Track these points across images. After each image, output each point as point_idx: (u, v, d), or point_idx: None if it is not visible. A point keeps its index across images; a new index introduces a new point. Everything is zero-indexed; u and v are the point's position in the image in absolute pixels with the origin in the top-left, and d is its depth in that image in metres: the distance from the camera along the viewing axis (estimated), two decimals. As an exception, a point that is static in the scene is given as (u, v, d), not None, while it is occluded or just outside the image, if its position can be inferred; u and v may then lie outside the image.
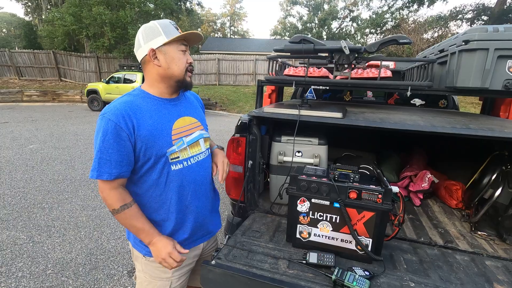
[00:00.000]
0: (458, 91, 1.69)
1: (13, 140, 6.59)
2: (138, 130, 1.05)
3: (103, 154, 1.01)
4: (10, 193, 3.84)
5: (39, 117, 9.78)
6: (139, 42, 1.11)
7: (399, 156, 2.60)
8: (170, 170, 1.12)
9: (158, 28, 1.08)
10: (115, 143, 1.01)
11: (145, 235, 1.09)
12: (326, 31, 33.00)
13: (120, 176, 1.05)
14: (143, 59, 1.11)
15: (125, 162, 1.04)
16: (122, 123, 1.01)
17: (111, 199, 1.04)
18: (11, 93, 14.17)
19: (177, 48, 1.11)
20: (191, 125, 1.21)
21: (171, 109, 1.16)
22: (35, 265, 2.44)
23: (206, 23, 42.43)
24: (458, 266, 1.31)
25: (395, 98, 3.06)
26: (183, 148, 1.15)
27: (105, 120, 1.02)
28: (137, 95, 1.12)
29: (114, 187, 1.05)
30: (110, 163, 1.02)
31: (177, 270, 1.21)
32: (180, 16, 22.48)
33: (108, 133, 1.01)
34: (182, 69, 1.12)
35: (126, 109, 1.04)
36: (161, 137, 1.09)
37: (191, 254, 1.25)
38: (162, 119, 1.11)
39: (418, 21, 19.88)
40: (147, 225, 1.09)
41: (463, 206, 1.97)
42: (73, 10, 15.06)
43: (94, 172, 1.02)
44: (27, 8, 23.52)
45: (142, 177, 1.12)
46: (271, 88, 2.80)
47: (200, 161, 1.22)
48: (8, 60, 16.44)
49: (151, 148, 1.07)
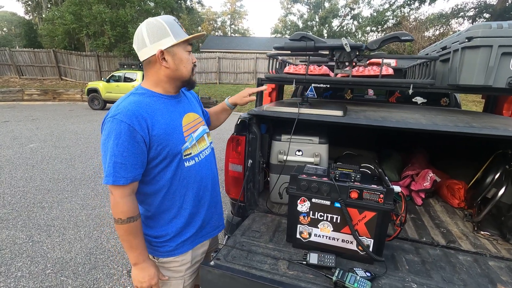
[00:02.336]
0: (460, 89, 1.66)
1: (13, 139, 6.59)
2: (152, 130, 1.02)
3: (117, 158, 0.97)
4: (10, 192, 3.83)
5: (40, 116, 9.77)
6: (143, 41, 1.05)
7: (401, 155, 2.58)
8: (184, 167, 1.12)
9: (165, 28, 1.04)
10: (130, 146, 0.97)
11: (137, 254, 1.06)
12: (327, 29, 32.90)
13: (135, 179, 1.02)
14: (148, 59, 1.06)
15: (139, 164, 1.01)
16: (136, 125, 0.98)
17: (122, 207, 1.00)
18: (12, 92, 14.16)
19: (184, 49, 1.09)
20: (195, 121, 1.21)
21: (177, 106, 1.16)
22: (35, 264, 2.43)
23: (206, 22, 42.34)
24: (461, 267, 1.28)
25: (397, 96, 3.04)
26: (193, 144, 1.16)
27: (117, 122, 0.96)
28: (144, 94, 1.08)
29: (127, 194, 1.01)
30: (125, 167, 0.98)
31: (190, 267, 1.22)
32: (181, 14, 22.42)
33: (121, 135, 0.96)
34: (189, 70, 1.12)
35: (138, 109, 1.00)
36: (175, 134, 1.08)
37: (199, 251, 1.27)
38: (172, 116, 1.10)
39: (420, 19, 19.80)
40: (142, 246, 1.07)
41: (465, 206, 1.94)
42: (73, 8, 15.07)
43: (110, 177, 0.97)
44: (27, 7, 23.48)
45: (155, 177, 1.09)
46: (271, 87, 2.77)
47: (207, 156, 1.24)
48: (8, 59, 16.46)
49: (167, 146, 1.06)
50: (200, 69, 17.15)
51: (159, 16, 1.07)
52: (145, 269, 1.08)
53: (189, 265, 1.22)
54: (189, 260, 1.22)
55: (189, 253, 1.21)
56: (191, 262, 1.23)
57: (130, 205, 1.02)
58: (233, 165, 1.73)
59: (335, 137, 2.21)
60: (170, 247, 1.16)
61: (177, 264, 1.19)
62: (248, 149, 1.72)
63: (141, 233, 1.07)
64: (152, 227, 1.15)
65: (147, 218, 1.15)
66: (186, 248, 1.20)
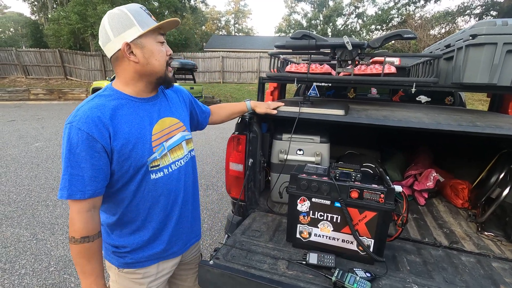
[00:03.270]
0: (464, 87, 1.64)
1: (19, 138, 6.67)
2: (114, 139, 0.90)
3: (74, 169, 0.86)
4: (15, 190, 3.88)
5: (45, 115, 9.87)
6: (107, 35, 0.93)
7: (404, 155, 2.55)
8: (149, 179, 1.00)
9: (129, 17, 0.91)
10: (88, 156, 0.86)
11: (89, 282, 0.93)
12: (331, 28, 32.73)
13: (95, 194, 0.90)
14: (115, 54, 0.94)
15: (101, 177, 0.90)
16: (95, 133, 0.86)
17: (77, 224, 0.88)
18: (18, 92, 14.33)
19: (155, 40, 0.96)
20: (171, 127, 1.08)
21: (150, 110, 1.02)
22: (38, 262, 2.45)
23: (210, 21, 42.40)
24: (464, 268, 1.26)
25: (400, 95, 3.01)
26: (164, 154, 1.03)
27: (74, 130, 0.85)
28: (110, 96, 0.96)
29: (85, 209, 0.89)
30: (82, 180, 0.86)
31: (154, 281, 1.12)
32: (185, 14, 22.49)
33: (78, 145, 0.85)
34: (163, 64, 0.99)
35: (98, 115, 0.88)
36: (141, 144, 0.96)
37: (169, 264, 1.16)
38: (141, 123, 0.97)
39: (425, 17, 19.59)
40: (96, 272, 0.94)
41: (469, 206, 1.92)
42: (78, 8, 15.20)
43: (64, 191, 0.86)
44: (34, 7, 23.74)
45: (118, 190, 0.98)
46: (273, 86, 2.76)
47: (182, 167, 1.11)
48: (15, 59, 16.66)
49: (129, 158, 0.94)
50: (204, 69, 17.18)
51: (123, 5, 0.94)
52: None
53: (153, 278, 1.11)
54: (154, 273, 1.11)
55: (153, 266, 1.10)
56: (155, 275, 1.11)
57: (87, 223, 0.89)
58: (234, 164, 1.73)
59: (337, 136, 2.19)
60: (130, 259, 1.05)
61: (139, 276, 1.08)
62: (249, 148, 1.72)
63: (98, 256, 0.94)
64: (112, 236, 1.05)
65: (109, 225, 1.04)
66: (150, 263, 1.09)
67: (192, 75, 11.95)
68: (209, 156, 5.72)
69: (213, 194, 3.96)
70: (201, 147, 6.33)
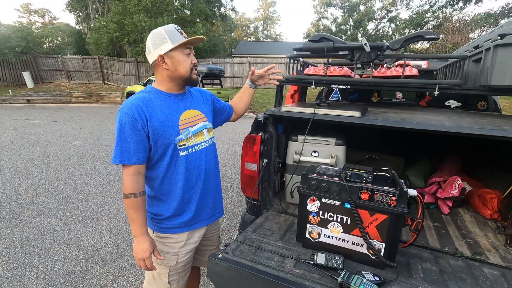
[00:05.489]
0: (492, 89, 1.55)
1: (60, 137, 7.24)
2: (150, 121, 1.20)
3: (123, 143, 1.17)
4: (54, 184, 4.22)
5: (84, 117, 10.63)
6: (149, 48, 1.25)
7: (431, 162, 2.43)
8: (178, 155, 1.28)
9: (164, 35, 1.21)
10: (132, 133, 1.17)
11: (136, 227, 1.21)
12: (362, 32, 31.91)
13: (138, 161, 1.19)
14: (153, 63, 1.26)
15: (141, 149, 1.19)
16: (137, 116, 1.17)
17: (126, 183, 1.18)
18: (62, 95, 15.60)
19: (182, 52, 1.24)
20: (195, 117, 1.35)
21: (178, 103, 1.32)
22: (69, 250, 2.65)
23: (239, 28, 43.25)
24: (485, 280, 1.19)
25: (427, 99, 2.88)
26: (189, 137, 1.30)
27: (123, 114, 1.18)
28: (149, 91, 1.28)
29: (131, 173, 1.18)
30: (129, 151, 1.17)
31: (183, 246, 1.36)
32: (215, 21, 23.15)
33: (126, 124, 1.16)
34: (188, 70, 1.27)
35: (139, 103, 1.20)
36: (170, 127, 1.24)
37: (196, 234, 1.40)
38: (170, 111, 1.27)
39: (464, 20, 18.50)
40: (140, 221, 1.21)
41: (499, 217, 1.78)
42: (117, 18, 16.23)
43: (117, 158, 1.17)
44: (78, 18, 25.73)
45: (156, 163, 1.27)
46: (294, 88, 2.77)
47: (204, 149, 1.37)
48: (60, 65, 18.22)
49: (162, 136, 1.22)
50: (231, 74, 17.52)
51: (163, 26, 1.25)
52: (141, 242, 1.21)
53: (183, 244, 1.35)
54: (184, 239, 1.35)
55: (184, 234, 1.35)
56: (185, 241, 1.36)
57: (133, 183, 1.18)
58: (249, 164, 1.76)
59: (358, 140, 2.15)
60: (166, 225, 1.33)
61: (172, 241, 1.34)
62: (264, 148, 1.74)
63: (141, 210, 1.21)
64: (152, 206, 1.33)
65: (150, 197, 1.33)
66: (180, 230, 1.34)
67: (219, 80, 12.25)
68: (232, 159, 5.82)
69: (233, 196, 4.02)
70: (224, 150, 6.45)
